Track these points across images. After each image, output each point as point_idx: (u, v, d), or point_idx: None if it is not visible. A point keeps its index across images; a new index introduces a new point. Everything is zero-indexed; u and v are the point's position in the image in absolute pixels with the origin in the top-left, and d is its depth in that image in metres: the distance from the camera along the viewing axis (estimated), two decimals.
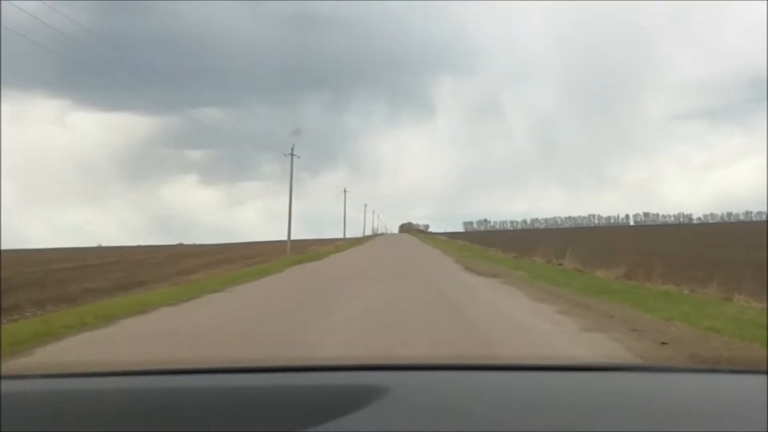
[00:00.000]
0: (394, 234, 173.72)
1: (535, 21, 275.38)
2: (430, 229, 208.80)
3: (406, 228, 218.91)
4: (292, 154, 43.10)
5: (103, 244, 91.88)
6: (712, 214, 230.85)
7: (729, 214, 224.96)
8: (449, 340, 7.48)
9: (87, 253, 52.78)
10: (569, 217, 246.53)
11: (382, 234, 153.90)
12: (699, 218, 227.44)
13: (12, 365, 4.66)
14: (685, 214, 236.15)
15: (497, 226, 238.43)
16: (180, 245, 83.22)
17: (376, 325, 8.99)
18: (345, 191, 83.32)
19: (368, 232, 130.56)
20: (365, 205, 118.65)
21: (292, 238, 43.92)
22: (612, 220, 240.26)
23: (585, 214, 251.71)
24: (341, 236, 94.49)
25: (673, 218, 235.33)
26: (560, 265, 20.46)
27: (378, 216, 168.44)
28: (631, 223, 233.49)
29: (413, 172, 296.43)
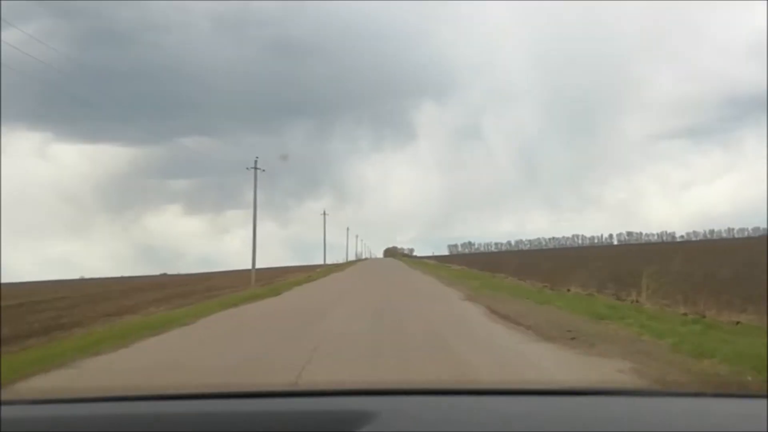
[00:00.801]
0: (379, 258, 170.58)
1: (515, 43, 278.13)
2: (415, 253, 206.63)
3: (391, 252, 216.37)
4: (255, 168, 36.89)
5: (86, 276, 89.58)
6: (694, 232, 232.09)
7: (711, 232, 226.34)
8: None
9: (54, 286, 50.23)
10: (553, 238, 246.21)
11: (365, 259, 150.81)
12: (682, 236, 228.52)
13: (7, 391, 4.59)
14: (668, 232, 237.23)
15: (482, 248, 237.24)
16: (164, 275, 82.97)
17: None
18: (324, 213, 79.82)
19: (351, 257, 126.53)
20: (347, 229, 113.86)
21: (273, 264, 40.73)
22: (596, 240, 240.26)
23: (569, 234, 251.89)
24: (334, 261, 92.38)
25: (656, 237, 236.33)
26: (634, 303, 13.25)
27: (361, 240, 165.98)
28: (615, 242, 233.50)
29: (397, 196, 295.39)
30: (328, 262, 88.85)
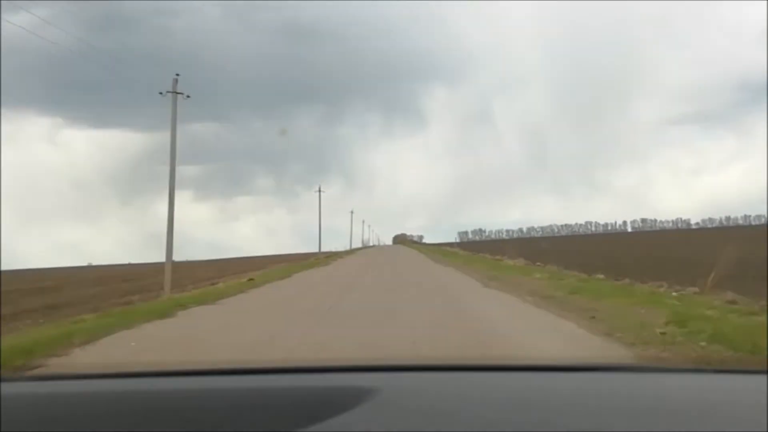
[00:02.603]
0: (387, 246, 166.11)
1: (525, 28, 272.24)
2: (425, 240, 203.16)
3: (401, 239, 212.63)
4: (174, 92, 24.12)
5: (94, 263, 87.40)
6: (710, 219, 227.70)
7: (728, 218, 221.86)
8: None
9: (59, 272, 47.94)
10: (566, 225, 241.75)
11: (372, 246, 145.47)
12: (697, 223, 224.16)
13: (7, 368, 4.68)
14: (683, 219, 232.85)
15: (492, 236, 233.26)
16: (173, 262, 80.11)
17: None
18: (320, 191, 67.19)
19: (357, 244, 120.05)
20: (351, 213, 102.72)
21: (284, 251, 34.54)
22: (609, 227, 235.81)
23: (581, 221, 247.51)
24: (336, 249, 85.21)
25: (671, 224, 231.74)
26: None
27: (369, 226, 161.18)
28: (629, 229, 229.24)
29: (407, 183, 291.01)
30: (335, 248, 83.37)
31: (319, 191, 66.54)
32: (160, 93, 26.02)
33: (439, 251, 62.36)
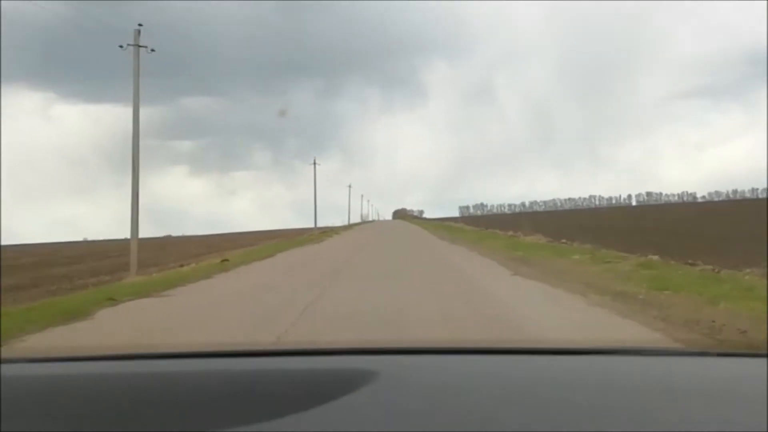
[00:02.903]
0: (387, 221, 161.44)
1: (528, 2, 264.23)
2: (425, 215, 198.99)
3: (401, 214, 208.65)
4: (136, 45, 20.74)
5: (89, 238, 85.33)
6: (717, 192, 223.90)
7: (735, 192, 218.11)
8: None
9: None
10: (569, 199, 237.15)
11: (372, 221, 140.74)
12: (703, 197, 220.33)
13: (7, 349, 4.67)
14: (689, 192, 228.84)
15: (494, 210, 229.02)
16: (168, 237, 79.71)
17: None
18: (315, 163, 61.99)
19: (357, 220, 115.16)
20: (349, 187, 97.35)
21: (282, 227, 30.83)
22: (613, 201, 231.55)
23: (585, 195, 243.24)
24: (333, 224, 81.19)
25: (676, 197, 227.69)
26: None
27: (368, 201, 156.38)
28: (633, 203, 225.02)
29: (407, 157, 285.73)
30: (333, 224, 79.44)
31: (314, 164, 61.74)
32: (120, 46, 21.75)
33: (443, 227, 57.62)
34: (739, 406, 1.07)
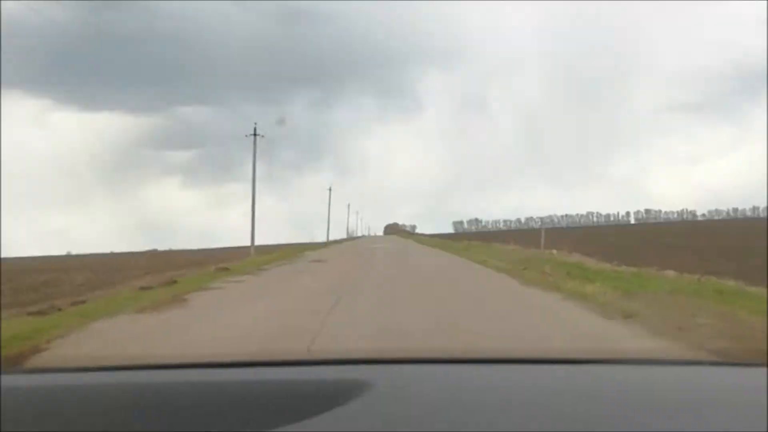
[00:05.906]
0: (378, 237, 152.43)
1: (521, 13, 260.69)
2: (418, 230, 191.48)
3: (393, 229, 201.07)
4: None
5: (73, 252, 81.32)
6: (717, 210, 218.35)
7: (735, 210, 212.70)
8: None
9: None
10: (566, 215, 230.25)
11: (360, 237, 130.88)
12: (703, 215, 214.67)
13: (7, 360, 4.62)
14: (689, 210, 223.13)
15: (489, 226, 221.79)
16: (154, 251, 75.16)
17: None
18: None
19: (342, 234, 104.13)
20: (329, 189, 77.43)
21: (276, 241, 23.71)
22: (611, 218, 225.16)
23: (582, 211, 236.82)
24: (327, 238, 70.88)
25: (675, 215, 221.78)
26: None
27: (357, 213, 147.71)
28: (632, 221, 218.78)
29: (399, 169, 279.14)
30: (313, 239, 69.21)
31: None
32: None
33: (445, 245, 48.73)
34: (738, 416, 1.05)
